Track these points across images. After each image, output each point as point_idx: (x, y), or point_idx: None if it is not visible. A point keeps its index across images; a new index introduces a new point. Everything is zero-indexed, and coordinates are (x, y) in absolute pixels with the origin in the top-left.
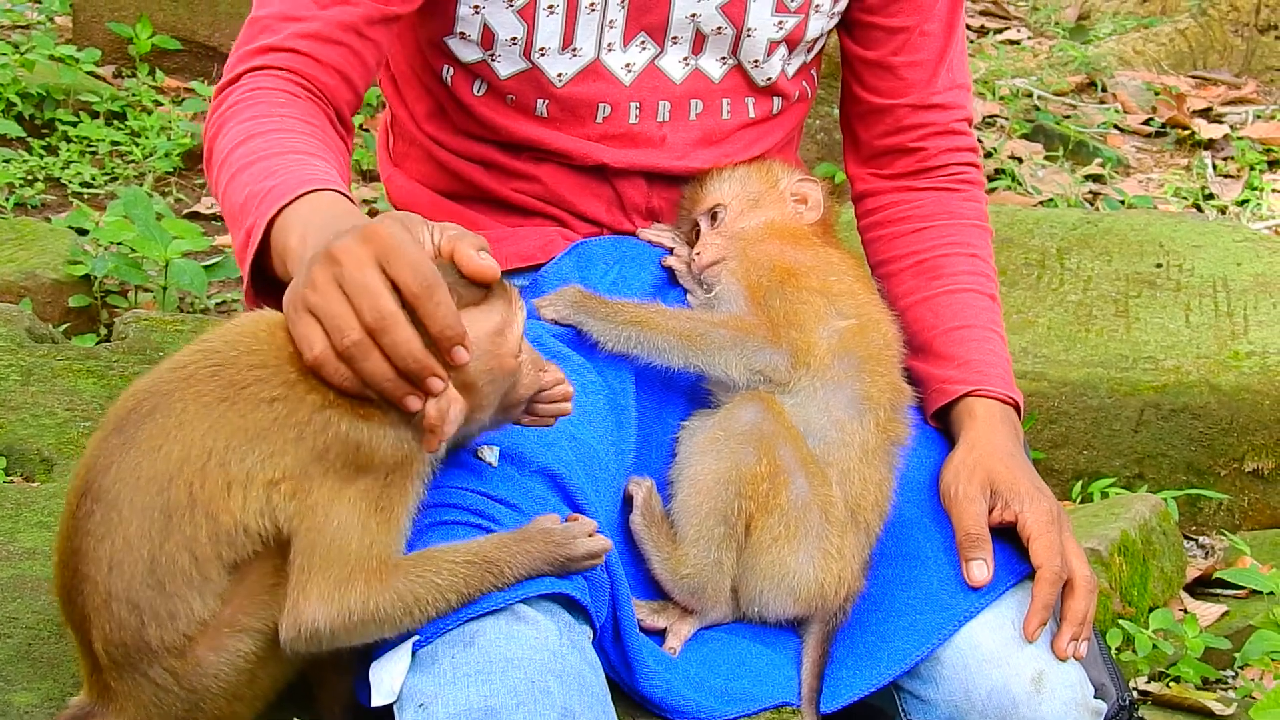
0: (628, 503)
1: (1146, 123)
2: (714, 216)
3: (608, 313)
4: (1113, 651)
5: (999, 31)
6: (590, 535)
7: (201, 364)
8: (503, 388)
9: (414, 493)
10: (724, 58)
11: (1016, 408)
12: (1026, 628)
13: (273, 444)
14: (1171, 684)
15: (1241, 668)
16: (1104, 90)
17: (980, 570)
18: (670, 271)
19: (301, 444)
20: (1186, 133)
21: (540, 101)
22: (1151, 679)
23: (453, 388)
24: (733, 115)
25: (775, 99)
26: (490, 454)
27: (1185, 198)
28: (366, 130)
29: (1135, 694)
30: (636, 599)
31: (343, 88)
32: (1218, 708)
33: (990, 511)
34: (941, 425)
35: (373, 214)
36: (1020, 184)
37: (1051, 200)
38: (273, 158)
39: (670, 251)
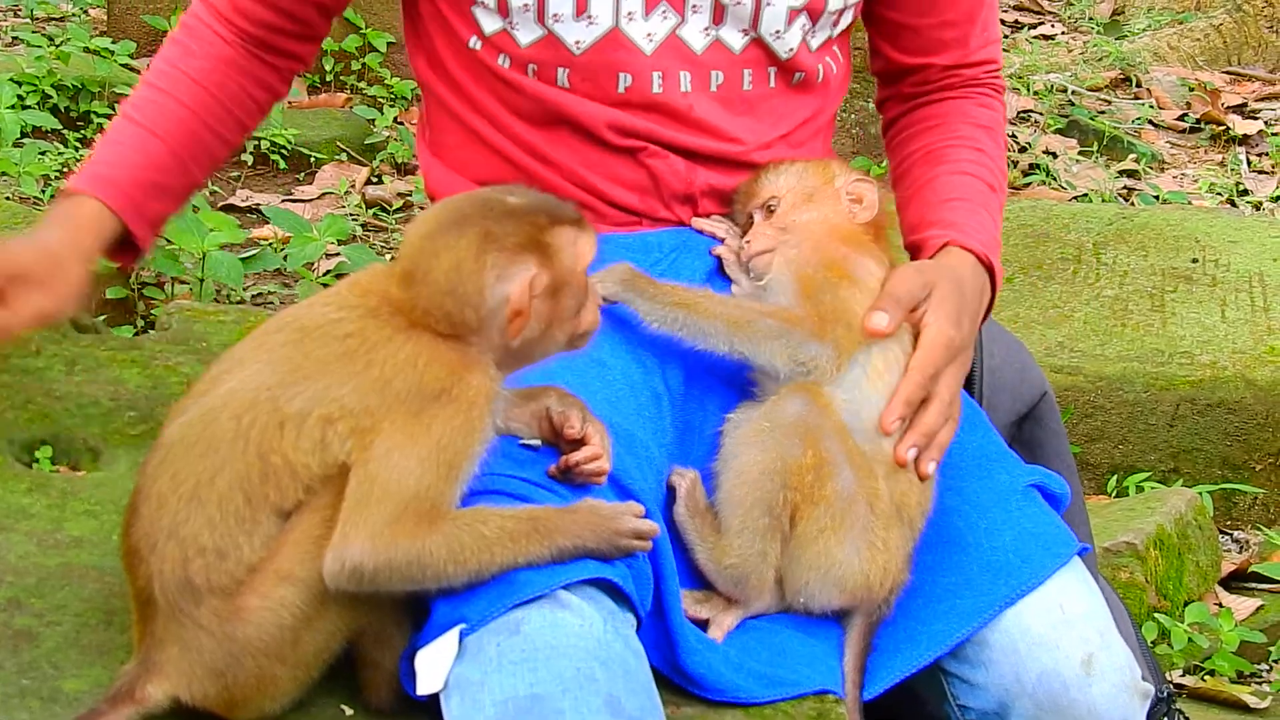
0: (671, 494)
1: (1181, 118)
2: (769, 210)
3: (656, 293)
4: (1148, 645)
5: (1033, 27)
6: (637, 516)
7: (285, 320)
8: (578, 299)
9: (478, 443)
10: (745, 30)
11: (990, 270)
12: (883, 419)
13: (335, 378)
14: (1206, 678)
15: (1276, 661)
16: (1138, 86)
17: (880, 319)
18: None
19: (368, 377)
20: (1221, 128)
21: (561, 71)
22: (1186, 673)
23: None
24: (754, 86)
25: (796, 74)
26: (536, 439)
27: (1220, 193)
28: (401, 124)
29: (1172, 687)
30: (681, 588)
31: None
32: (1253, 701)
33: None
34: None
35: (406, 206)
36: (1055, 179)
37: (1086, 196)
38: (116, 129)
39: (722, 241)
